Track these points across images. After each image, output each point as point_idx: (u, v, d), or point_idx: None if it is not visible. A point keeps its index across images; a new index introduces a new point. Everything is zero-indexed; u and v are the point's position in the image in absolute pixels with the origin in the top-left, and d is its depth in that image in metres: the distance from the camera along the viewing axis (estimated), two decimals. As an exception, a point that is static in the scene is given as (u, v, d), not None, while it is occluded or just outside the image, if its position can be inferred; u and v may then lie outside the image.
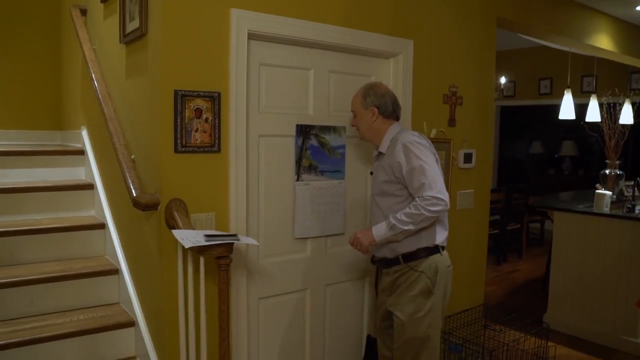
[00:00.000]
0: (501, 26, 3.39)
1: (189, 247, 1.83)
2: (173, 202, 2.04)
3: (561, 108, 5.00)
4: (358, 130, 2.32)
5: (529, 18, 3.59)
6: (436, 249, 2.18)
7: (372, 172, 2.37)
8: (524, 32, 3.94)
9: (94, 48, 2.78)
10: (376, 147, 2.31)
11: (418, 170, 2.07)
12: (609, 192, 3.99)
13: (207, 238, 1.85)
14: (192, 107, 2.05)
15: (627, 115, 5.09)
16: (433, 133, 2.92)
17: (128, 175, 2.12)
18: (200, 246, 1.82)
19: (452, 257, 2.28)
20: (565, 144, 7.77)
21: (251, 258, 2.34)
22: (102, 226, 2.73)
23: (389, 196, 2.18)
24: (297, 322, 2.55)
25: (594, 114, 4.97)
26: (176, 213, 2.00)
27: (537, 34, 4.02)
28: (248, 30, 2.15)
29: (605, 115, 4.39)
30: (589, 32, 4.36)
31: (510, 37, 4.39)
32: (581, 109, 5.18)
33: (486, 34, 3.18)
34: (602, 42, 4.54)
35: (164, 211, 2.03)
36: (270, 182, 2.38)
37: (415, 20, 2.77)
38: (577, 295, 3.92)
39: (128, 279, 2.45)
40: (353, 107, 2.32)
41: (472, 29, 3.09)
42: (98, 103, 2.50)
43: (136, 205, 2.04)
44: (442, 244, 2.21)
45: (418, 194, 2.07)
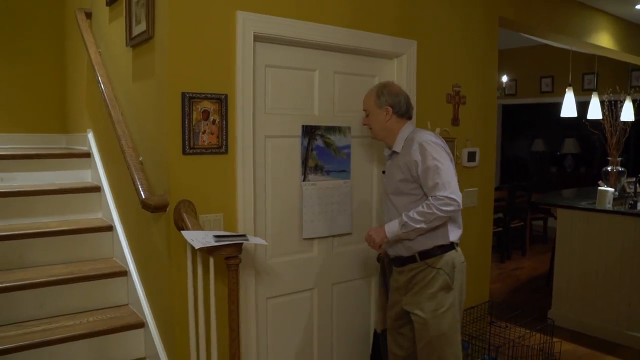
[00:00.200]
0: (503, 25, 3.41)
1: (199, 248, 1.85)
2: (182, 204, 2.05)
3: (563, 106, 5.01)
4: (370, 129, 2.31)
5: (531, 17, 3.61)
6: (451, 246, 2.20)
7: (384, 171, 2.37)
8: (526, 31, 3.96)
9: (100, 51, 2.80)
10: (388, 147, 2.31)
11: (433, 169, 2.08)
12: (611, 189, 4.01)
13: (217, 239, 1.87)
14: (200, 109, 2.07)
15: (628, 112, 5.10)
16: (437, 132, 2.93)
17: (137, 177, 2.14)
18: (210, 247, 1.83)
19: (458, 255, 2.29)
20: (567, 142, 7.79)
21: (259, 258, 2.36)
22: (110, 228, 2.74)
23: (405, 195, 2.19)
24: (305, 321, 2.57)
25: (596, 112, 4.98)
26: (185, 214, 2.02)
27: (539, 33, 4.04)
28: (254, 32, 2.17)
29: (606, 112, 4.41)
30: (590, 31, 4.38)
31: (511, 36, 4.40)
32: (582, 107, 5.20)
33: (488, 34, 3.20)
34: (603, 41, 4.56)
35: (173, 212, 2.05)
36: (277, 183, 2.40)
37: (418, 20, 2.79)
38: (581, 291, 3.93)
39: (137, 281, 2.47)
40: (365, 106, 2.30)
41: (475, 29, 3.11)
42: (105, 106, 2.51)
43: (145, 207, 2.06)
44: (457, 241, 2.23)
45: (432, 194, 2.08)
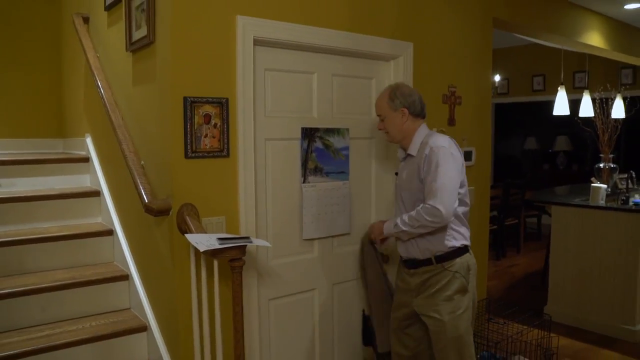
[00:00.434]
0: (497, 26, 3.46)
1: (204, 251, 1.87)
2: (185, 207, 2.07)
3: (555, 104, 5.08)
4: (387, 133, 2.30)
5: (523, 18, 3.67)
6: (466, 249, 2.23)
7: (397, 173, 2.38)
8: (519, 32, 4.02)
9: (98, 56, 2.80)
10: (403, 148, 2.31)
11: (432, 176, 2.09)
12: (604, 185, 4.07)
13: (221, 241, 1.89)
14: (201, 113, 2.09)
15: (619, 109, 5.18)
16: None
17: (139, 181, 2.15)
18: (214, 249, 1.85)
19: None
20: (559, 139, 7.87)
21: (261, 260, 2.38)
22: (110, 232, 2.75)
23: (414, 197, 2.20)
24: (307, 321, 2.60)
25: (587, 109, 5.05)
26: (188, 218, 2.04)
27: (531, 33, 4.10)
28: (254, 36, 2.19)
29: (598, 110, 4.48)
30: (581, 30, 4.45)
31: (503, 36, 4.46)
32: (574, 105, 5.27)
33: (483, 35, 3.25)
34: (593, 40, 4.63)
35: (176, 216, 2.06)
36: (277, 185, 2.43)
37: (414, 23, 2.82)
38: (576, 286, 3.99)
39: (138, 284, 2.48)
40: (380, 111, 2.28)
41: (470, 30, 3.16)
42: (105, 110, 2.52)
43: (148, 211, 2.07)
44: (469, 243, 2.26)
45: (425, 200, 2.12)
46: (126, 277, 2.56)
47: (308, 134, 2.51)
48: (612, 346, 3.64)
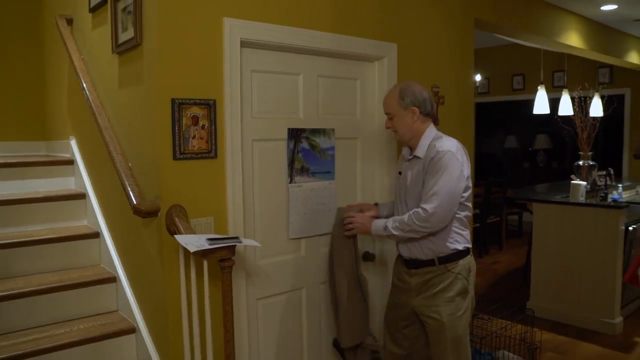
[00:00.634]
0: (479, 27, 3.53)
1: (194, 252, 1.88)
2: (173, 208, 2.08)
3: (535, 103, 5.18)
4: (395, 132, 2.27)
5: (504, 18, 3.75)
6: (468, 251, 2.25)
7: (400, 172, 2.35)
8: (499, 32, 4.10)
9: (82, 57, 2.78)
10: (409, 148, 2.29)
11: (433, 180, 2.09)
12: (584, 183, 4.18)
13: (211, 242, 1.90)
14: (189, 115, 2.10)
15: (597, 108, 5.31)
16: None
17: (127, 183, 2.15)
18: (205, 250, 1.86)
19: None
20: (538, 138, 8.02)
21: (249, 260, 2.40)
22: (97, 235, 2.74)
23: (417, 198, 2.19)
24: (295, 320, 2.62)
25: (566, 108, 5.17)
26: (177, 219, 2.05)
27: (511, 33, 4.19)
28: (241, 38, 2.21)
29: (576, 108, 4.59)
30: (559, 31, 4.55)
31: (484, 36, 4.53)
32: (553, 103, 5.39)
33: (465, 35, 3.31)
34: (572, 40, 4.75)
35: (165, 217, 2.07)
36: (264, 185, 2.44)
37: (398, 24, 2.87)
38: (558, 281, 4.09)
39: (126, 286, 2.47)
40: (389, 109, 2.25)
41: (452, 31, 3.22)
42: (91, 112, 2.51)
43: (137, 212, 2.07)
44: (471, 246, 2.29)
45: (421, 202, 2.13)
46: (113, 280, 2.55)
47: (294, 135, 2.54)
48: (593, 339, 3.75)
